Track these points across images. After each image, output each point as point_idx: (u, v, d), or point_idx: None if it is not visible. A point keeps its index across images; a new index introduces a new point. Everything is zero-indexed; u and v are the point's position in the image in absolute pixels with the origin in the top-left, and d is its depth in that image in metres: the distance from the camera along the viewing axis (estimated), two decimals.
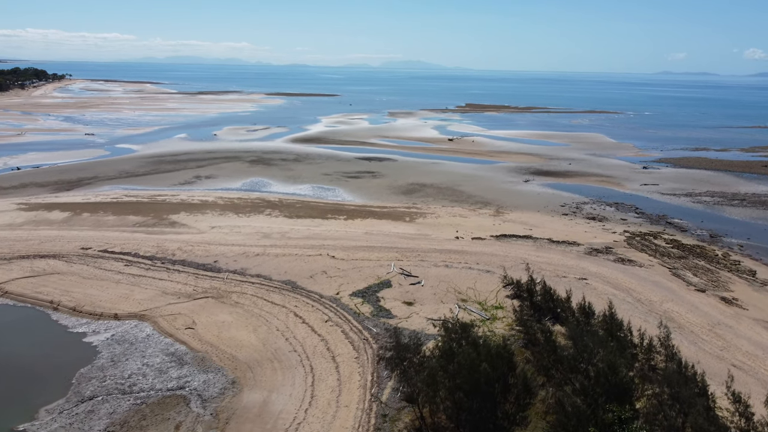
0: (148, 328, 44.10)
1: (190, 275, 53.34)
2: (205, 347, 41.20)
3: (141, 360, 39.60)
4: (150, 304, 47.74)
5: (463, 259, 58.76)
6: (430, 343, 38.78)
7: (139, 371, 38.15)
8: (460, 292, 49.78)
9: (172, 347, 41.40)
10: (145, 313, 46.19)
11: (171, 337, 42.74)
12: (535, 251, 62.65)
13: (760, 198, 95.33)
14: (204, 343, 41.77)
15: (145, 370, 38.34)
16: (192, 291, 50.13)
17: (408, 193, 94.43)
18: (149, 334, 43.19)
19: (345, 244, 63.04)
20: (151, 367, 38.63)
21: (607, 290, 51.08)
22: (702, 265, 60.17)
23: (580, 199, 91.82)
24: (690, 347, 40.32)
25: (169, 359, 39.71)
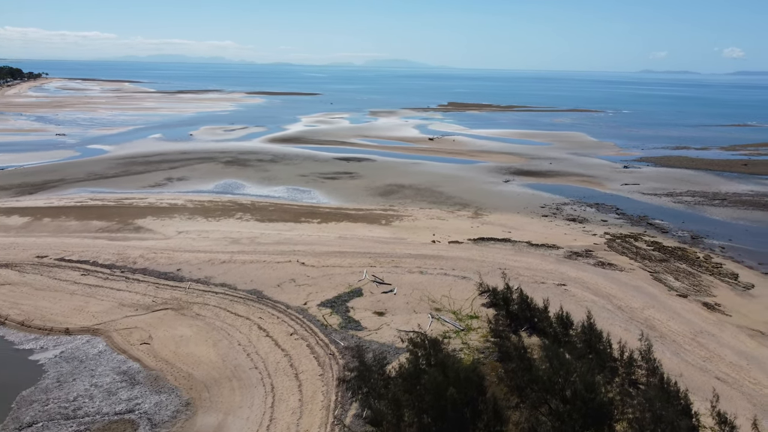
0: (100, 344, 41.31)
1: (150, 285, 50.52)
2: (160, 365, 38.52)
3: (90, 380, 36.83)
4: (105, 317, 44.91)
5: (439, 264, 56.57)
6: (400, 357, 36.49)
7: (87, 393, 35.38)
8: (434, 301, 47.56)
9: (124, 365, 38.67)
10: (99, 327, 43.38)
11: (124, 353, 40.00)
12: (514, 255, 60.66)
13: (740, 197, 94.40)
14: (159, 360, 39.08)
15: (93, 391, 35.58)
16: (151, 302, 47.36)
17: (385, 194, 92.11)
18: (101, 351, 40.41)
19: (317, 250, 60.55)
20: (100, 388, 35.88)
21: (587, 297, 49.17)
22: (684, 269, 58.58)
23: (560, 200, 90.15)
24: (672, 359, 38.46)
25: (121, 379, 36.99)
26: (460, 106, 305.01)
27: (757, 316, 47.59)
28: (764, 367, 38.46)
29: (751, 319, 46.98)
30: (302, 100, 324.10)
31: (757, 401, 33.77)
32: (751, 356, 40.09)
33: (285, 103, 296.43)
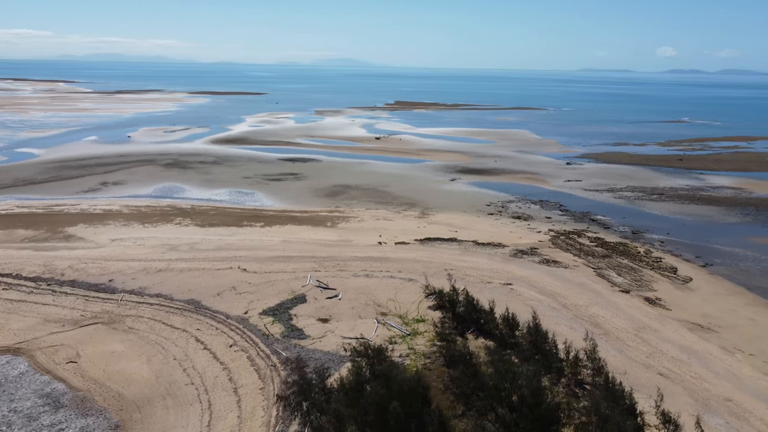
0: (22, 364, 38.31)
1: (79, 298, 47.49)
2: (88, 385, 35.97)
3: (8, 405, 33.96)
4: (28, 334, 41.80)
5: (385, 266, 55.54)
6: (344, 367, 35.20)
7: (4, 420, 32.58)
8: (380, 305, 46.47)
9: (48, 386, 35.91)
10: (21, 346, 40.30)
11: (49, 373, 37.20)
12: (460, 255, 60.28)
13: (677, 192, 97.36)
14: (87, 379, 36.51)
15: (12, 417, 32.81)
16: (79, 317, 44.45)
17: (332, 195, 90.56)
18: (23, 372, 37.45)
19: (259, 255, 58.54)
20: (20, 414, 33.13)
21: (533, 296, 49.10)
22: (626, 264, 59.52)
23: (506, 198, 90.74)
24: (617, 356, 38.59)
25: (43, 402, 34.28)
26: (406, 105, 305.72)
27: (696, 309, 48.62)
28: (704, 361, 39.09)
29: (690, 312, 47.93)
30: (247, 100, 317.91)
31: (698, 396, 34.12)
32: (691, 350, 40.72)
33: (229, 103, 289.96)
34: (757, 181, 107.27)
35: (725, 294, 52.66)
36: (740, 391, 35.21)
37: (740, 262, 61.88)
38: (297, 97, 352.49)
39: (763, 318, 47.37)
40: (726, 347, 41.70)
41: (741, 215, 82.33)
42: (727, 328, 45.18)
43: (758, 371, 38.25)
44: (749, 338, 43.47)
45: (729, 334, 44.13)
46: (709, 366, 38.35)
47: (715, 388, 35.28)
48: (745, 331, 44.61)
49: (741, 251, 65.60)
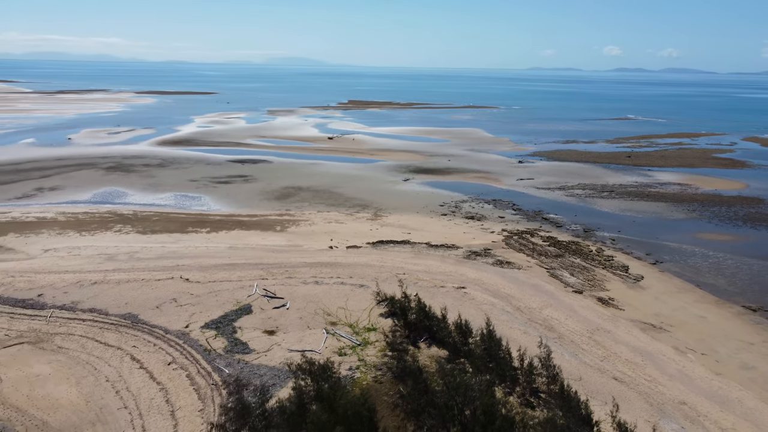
0: None
1: (3, 316, 43.88)
2: (8, 413, 32.88)
3: None
4: None
5: (336, 272, 53.67)
6: (287, 386, 33.18)
7: None
8: (330, 314, 44.59)
9: None
10: None
11: None
12: (413, 258, 58.92)
13: (626, 189, 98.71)
14: (8, 407, 33.40)
15: None
16: (3, 336, 40.98)
17: (282, 198, 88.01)
18: None
19: (204, 263, 55.79)
20: None
21: (487, 299, 48.10)
22: (578, 263, 59.31)
23: (459, 198, 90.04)
24: (571, 361, 37.82)
25: None
26: (360, 104, 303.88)
27: (648, 308, 48.53)
28: (657, 363, 38.73)
29: (643, 312, 47.79)
30: (197, 100, 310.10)
31: (653, 400, 33.56)
32: (644, 351, 40.35)
33: (178, 103, 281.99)
34: (701, 177, 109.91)
35: (676, 291, 52.90)
36: (694, 393, 34.87)
37: (689, 259, 62.57)
38: (249, 97, 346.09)
39: (713, 316, 47.61)
40: (678, 347, 41.53)
41: (688, 211, 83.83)
42: (679, 326, 45.15)
43: (710, 371, 38.11)
44: (700, 337, 43.48)
45: (681, 333, 44.07)
46: (663, 368, 37.99)
47: (670, 391, 34.84)
48: (696, 330, 44.66)
49: (689, 247, 66.44)
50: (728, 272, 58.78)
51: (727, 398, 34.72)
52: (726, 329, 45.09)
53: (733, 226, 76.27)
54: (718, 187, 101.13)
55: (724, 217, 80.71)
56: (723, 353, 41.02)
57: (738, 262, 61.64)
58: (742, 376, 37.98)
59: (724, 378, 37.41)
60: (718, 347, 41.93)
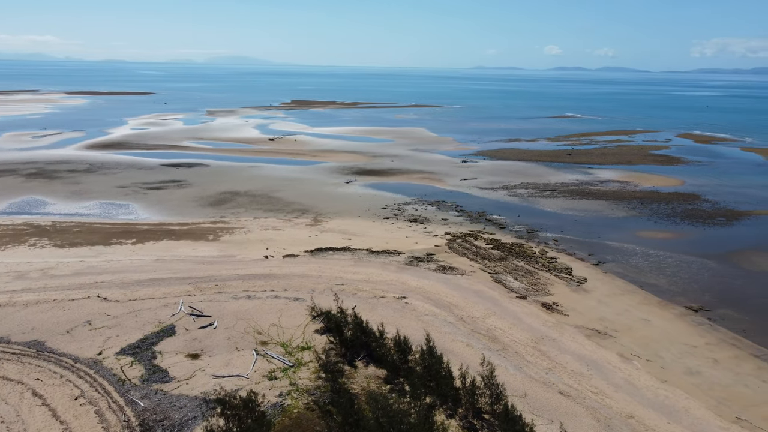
0: None
1: None
2: None
3: None
4: None
5: (270, 285, 50.44)
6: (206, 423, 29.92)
7: None
8: (261, 332, 41.42)
9: None
10: None
11: None
12: (353, 267, 56.25)
13: (568, 187, 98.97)
14: None
15: None
16: None
17: (217, 204, 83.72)
18: None
19: (126, 279, 51.51)
20: None
21: (429, 309, 45.93)
22: (522, 267, 57.99)
23: (402, 200, 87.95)
24: (516, 375, 35.98)
25: None
26: (303, 104, 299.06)
27: (592, 313, 47.46)
28: (603, 372, 37.39)
29: (587, 317, 46.66)
30: (133, 101, 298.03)
31: (600, 415, 32.03)
32: (590, 360, 38.98)
33: (112, 104, 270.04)
34: (640, 174, 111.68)
35: (619, 293, 52.17)
36: (641, 405, 33.57)
37: (631, 258, 62.31)
38: (188, 97, 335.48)
39: (656, 318, 46.94)
40: (623, 354, 40.39)
41: (628, 209, 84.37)
42: (624, 331, 44.16)
43: (656, 379, 37.02)
44: (645, 341, 42.56)
45: (625, 338, 43.04)
46: (609, 378, 36.65)
47: (617, 404, 33.42)
48: (641, 334, 43.76)
49: (631, 246, 66.32)
50: (669, 271, 58.71)
51: (674, 408, 33.58)
52: (670, 332, 44.39)
53: (672, 223, 77.01)
54: (656, 183, 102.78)
55: (662, 214, 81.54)
56: (668, 358, 40.13)
57: (678, 261, 61.78)
58: (688, 382, 37.05)
59: (670, 386, 36.37)
60: (663, 352, 41.05)
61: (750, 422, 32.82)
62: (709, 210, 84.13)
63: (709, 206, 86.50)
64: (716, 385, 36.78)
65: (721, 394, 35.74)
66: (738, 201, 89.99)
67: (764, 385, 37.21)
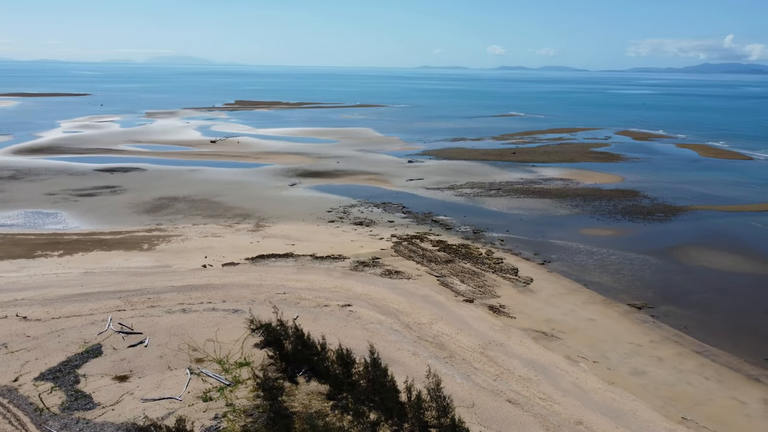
0: None
1: None
2: None
3: None
4: None
5: (208, 296, 47.90)
6: None
7: None
8: (197, 349, 39.00)
9: None
10: None
11: None
12: (296, 274, 54.22)
13: (512, 186, 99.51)
14: None
15: None
16: None
17: (154, 210, 79.94)
18: None
19: (50, 295, 47.91)
20: None
21: (374, 317, 44.45)
22: (468, 269, 57.28)
23: (348, 202, 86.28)
24: (463, 384, 34.91)
25: None
26: (248, 105, 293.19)
27: (539, 314, 47.06)
28: (551, 377, 36.80)
29: (534, 319, 46.20)
30: (66, 102, 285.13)
31: (549, 423, 31.28)
32: (538, 365, 38.34)
33: (43, 106, 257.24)
34: (582, 171, 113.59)
35: (565, 293, 52.08)
36: (589, 410, 33.06)
37: (575, 257, 62.61)
38: (127, 98, 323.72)
39: (601, 317, 46.97)
40: (571, 356, 40.00)
41: (571, 207, 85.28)
42: (570, 332, 43.88)
43: (603, 381, 36.70)
44: (591, 342, 42.36)
45: (572, 339, 42.74)
46: (557, 382, 36.06)
47: (565, 410, 32.78)
48: (587, 335, 43.57)
49: (575, 245, 66.74)
50: (612, 268, 59.21)
51: (622, 411, 33.22)
52: (615, 331, 44.39)
53: (614, 220, 78.18)
54: (598, 181, 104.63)
55: (604, 211, 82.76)
56: (614, 359, 39.98)
57: (621, 258, 62.45)
58: (634, 383, 36.89)
59: (617, 387, 36.10)
60: (609, 352, 40.90)
61: (695, 422, 32.79)
62: (648, 206, 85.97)
63: (649, 202, 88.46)
64: (662, 385, 36.75)
65: (666, 394, 35.69)
66: (675, 197, 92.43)
67: (707, 382, 37.45)
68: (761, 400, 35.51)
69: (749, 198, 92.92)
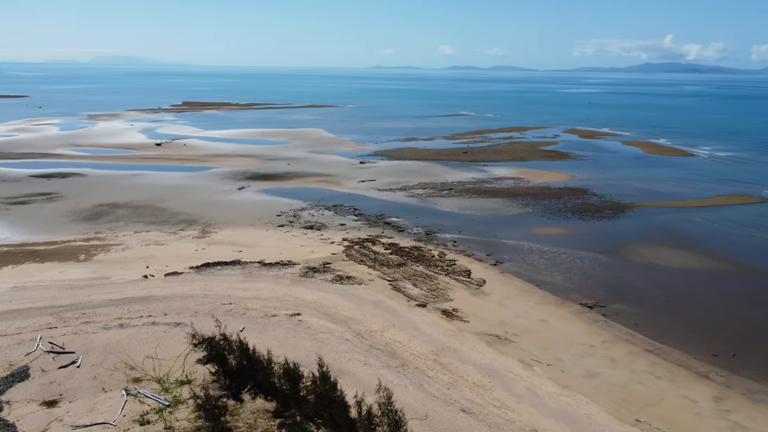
0: None
1: None
2: None
3: None
4: None
5: (148, 309, 45.39)
6: None
7: None
8: (135, 367, 36.64)
9: None
10: None
11: None
12: (243, 282, 52.13)
13: (464, 186, 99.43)
14: None
15: None
16: None
17: (93, 218, 76.11)
18: None
19: None
20: None
21: (324, 326, 42.92)
22: (421, 272, 56.36)
23: (298, 205, 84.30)
24: (416, 394, 33.80)
25: None
26: (196, 106, 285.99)
27: (492, 317, 46.46)
28: (505, 382, 36.09)
29: (487, 322, 45.56)
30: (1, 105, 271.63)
31: None
32: (492, 370, 37.60)
33: None
34: (532, 170, 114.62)
35: (518, 294, 51.73)
36: (544, 416, 32.45)
37: (527, 256, 62.54)
38: (68, 100, 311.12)
39: (554, 318, 46.73)
40: (524, 360, 39.44)
41: (522, 206, 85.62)
42: (523, 335, 43.40)
43: (557, 385, 36.22)
44: (544, 344, 41.95)
45: (525, 342, 42.24)
46: (511, 388, 35.37)
47: (520, 417, 32.07)
48: (540, 337, 43.17)
49: (526, 244, 66.74)
50: (564, 267, 59.35)
51: (577, 416, 32.74)
52: (568, 332, 44.17)
53: (564, 218, 78.78)
54: (548, 179, 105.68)
55: (555, 209, 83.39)
56: (567, 361, 39.63)
57: (572, 256, 62.73)
58: (588, 385, 36.56)
59: (571, 391, 35.67)
60: (562, 354, 40.55)
61: (649, 424, 32.59)
62: (597, 204, 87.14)
63: (597, 200, 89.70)
64: (615, 386, 36.54)
65: (620, 396, 35.46)
66: (622, 194, 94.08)
67: (658, 381, 37.47)
68: (711, 397, 35.71)
69: (693, 194, 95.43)
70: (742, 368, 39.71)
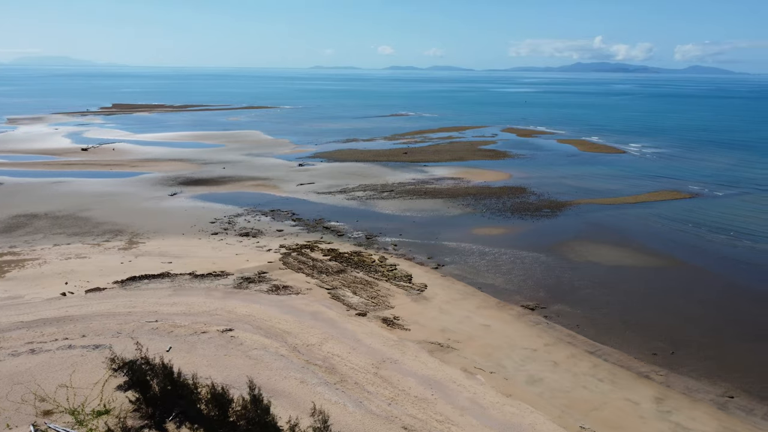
0: None
1: None
2: None
3: None
4: None
5: (64, 331, 41.76)
6: None
7: None
8: (45, 398, 33.28)
9: None
10: None
11: None
12: (171, 297, 49.00)
13: (405, 187, 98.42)
14: None
15: None
16: None
17: (8, 231, 70.64)
18: None
19: None
20: None
21: (258, 342, 40.55)
22: (361, 278, 54.66)
23: (233, 211, 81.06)
24: (355, 413, 32.05)
25: None
26: (126, 108, 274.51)
27: (434, 324, 45.24)
28: (448, 394, 34.82)
29: (429, 329, 44.31)
30: None
31: None
32: (434, 381, 36.28)
33: None
34: (471, 170, 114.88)
35: (459, 298, 50.79)
36: (488, 428, 31.35)
37: (468, 258, 61.88)
38: None
39: (496, 322, 45.96)
40: (467, 368, 38.36)
41: (463, 206, 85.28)
42: (466, 342, 42.37)
43: (500, 394, 35.26)
44: (487, 351, 41.04)
45: (468, 349, 41.21)
46: (454, 400, 34.14)
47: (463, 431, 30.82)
48: (483, 343, 42.25)
49: (467, 246, 66.14)
50: (504, 269, 58.95)
51: (521, 426, 31.81)
52: (510, 336, 43.44)
53: (504, 218, 78.82)
54: (487, 178, 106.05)
55: (495, 209, 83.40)
56: (510, 367, 38.80)
57: (512, 257, 62.47)
58: (531, 392, 35.78)
59: (515, 399, 34.77)
60: (505, 360, 39.72)
61: (593, 430, 31.99)
62: (535, 202, 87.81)
63: (536, 198, 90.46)
64: (558, 392, 35.89)
65: (563, 402, 34.82)
66: (559, 192, 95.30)
67: (601, 384, 37.11)
68: (653, 398, 35.57)
69: (625, 191, 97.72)
70: (680, 365, 39.98)
